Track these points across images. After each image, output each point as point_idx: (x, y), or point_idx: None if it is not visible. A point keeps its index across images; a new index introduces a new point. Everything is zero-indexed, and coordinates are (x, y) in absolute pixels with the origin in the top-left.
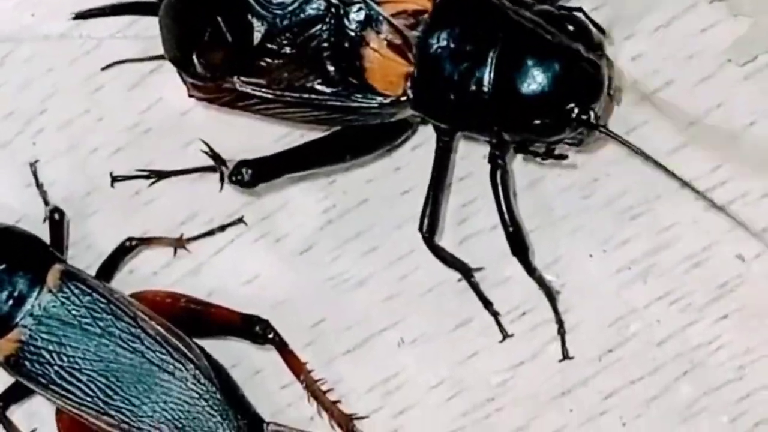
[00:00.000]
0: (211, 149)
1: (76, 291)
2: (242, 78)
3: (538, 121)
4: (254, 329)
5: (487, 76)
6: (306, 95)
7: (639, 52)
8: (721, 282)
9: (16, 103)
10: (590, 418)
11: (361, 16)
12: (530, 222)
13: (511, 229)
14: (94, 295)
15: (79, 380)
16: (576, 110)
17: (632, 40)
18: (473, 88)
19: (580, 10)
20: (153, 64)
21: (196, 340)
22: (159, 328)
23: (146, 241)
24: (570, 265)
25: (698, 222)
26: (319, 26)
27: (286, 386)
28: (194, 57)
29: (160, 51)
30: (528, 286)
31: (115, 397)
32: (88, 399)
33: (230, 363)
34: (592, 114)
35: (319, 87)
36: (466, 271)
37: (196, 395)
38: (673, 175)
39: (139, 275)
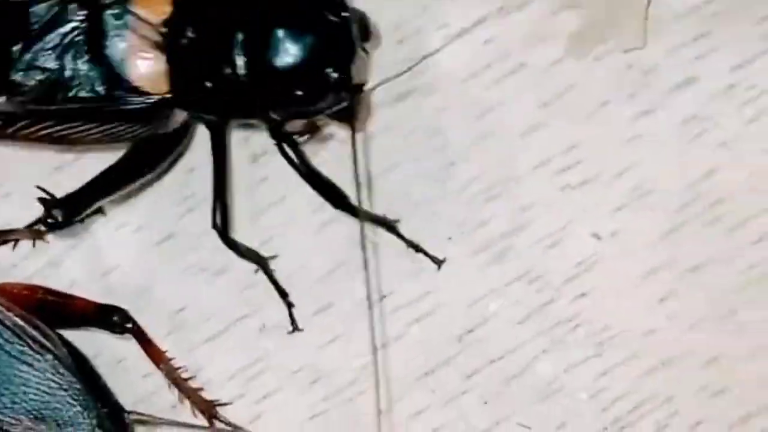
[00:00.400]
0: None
1: None
2: (6, 97)
3: (299, 92)
4: (112, 319)
5: (240, 58)
6: (77, 105)
7: (490, 36)
8: (578, 261)
9: None
10: (453, 397)
11: (119, 18)
12: (388, 207)
13: (325, 188)
14: None
15: None
16: (334, 74)
17: (484, 24)
18: (228, 71)
19: None
20: None
21: (58, 331)
22: (17, 319)
23: (4, 234)
24: (430, 248)
25: (554, 202)
26: (78, 33)
27: (148, 375)
28: None
29: None
30: (387, 270)
31: None
32: None
33: (92, 352)
34: (348, 74)
35: (87, 95)
36: (263, 263)
37: (56, 385)
38: None
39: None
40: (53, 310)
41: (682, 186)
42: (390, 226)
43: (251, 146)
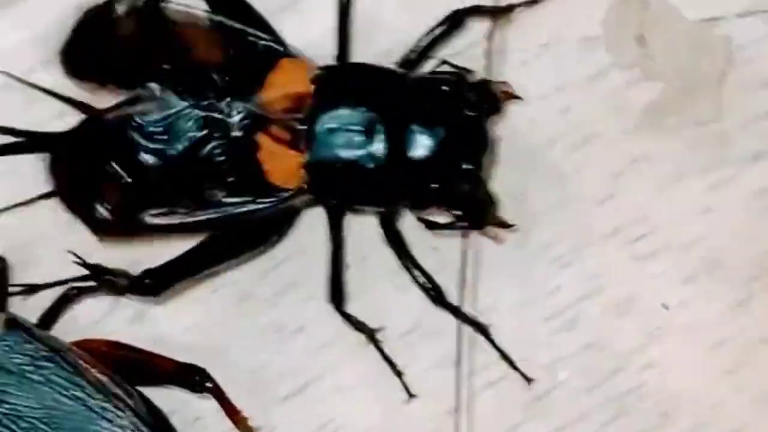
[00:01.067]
0: (99, 269)
1: (19, 339)
2: (150, 211)
3: (434, 185)
4: (193, 378)
5: (380, 151)
6: (214, 209)
7: (567, 105)
8: (647, 330)
9: None
10: None
11: (248, 121)
12: (460, 273)
13: (424, 281)
14: (37, 343)
15: (20, 427)
16: (467, 166)
17: (562, 91)
18: (368, 164)
19: (445, 63)
20: None
21: (137, 387)
22: (99, 376)
23: (89, 290)
24: (501, 312)
25: (624, 271)
26: (211, 141)
27: None
28: (98, 212)
29: None
30: (461, 333)
31: None
32: None
33: (170, 410)
34: (480, 166)
35: (225, 199)
36: (372, 334)
37: None
38: None
39: (81, 323)
40: (134, 368)
41: (751, 258)
42: (486, 332)
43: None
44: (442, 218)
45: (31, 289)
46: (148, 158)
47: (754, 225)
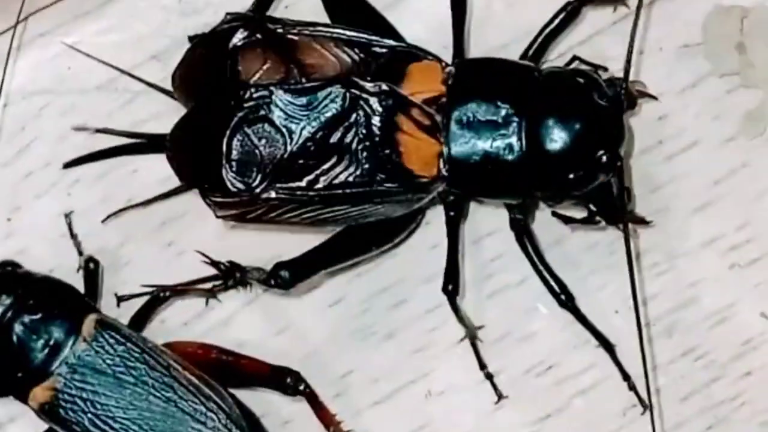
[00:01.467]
0: (227, 264)
1: (111, 340)
2: (278, 185)
3: (571, 175)
4: (286, 381)
5: (516, 142)
6: (347, 190)
7: (664, 113)
8: (745, 339)
9: (52, 155)
10: None
11: (389, 102)
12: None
13: (552, 283)
14: (128, 344)
15: (113, 428)
16: (604, 157)
17: (659, 100)
18: (505, 156)
19: (575, 59)
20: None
21: (228, 390)
22: (192, 377)
23: (179, 292)
24: (596, 320)
25: (722, 279)
26: (350, 119)
27: None
28: (226, 176)
29: None
30: (554, 340)
31: None
32: None
33: (259, 412)
34: (618, 156)
35: (358, 179)
36: (473, 333)
37: None
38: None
39: (171, 325)
40: (226, 370)
41: None
42: (609, 347)
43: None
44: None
45: (162, 291)
46: (284, 128)
47: None
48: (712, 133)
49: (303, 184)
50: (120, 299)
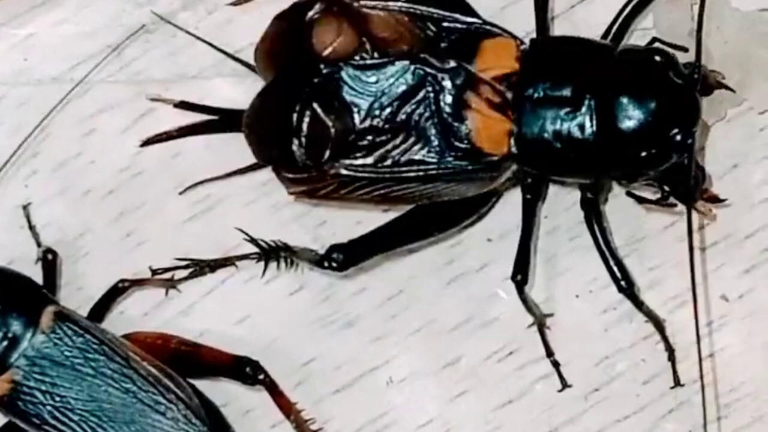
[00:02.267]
0: (274, 244)
1: (69, 332)
2: (347, 162)
3: (644, 153)
4: (245, 370)
5: (588, 121)
6: (416, 168)
7: None
8: (706, 322)
9: (9, 146)
10: None
11: (459, 79)
12: None
13: (614, 268)
14: (87, 336)
15: (72, 420)
16: (679, 135)
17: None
18: (577, 134)
19: (656, 40)
20: (143, 108)
21: (188, 380)
22: (151, 368)
23: (138, 282)
24: (557, 305)
25: (682, 262)
26: (419, 95)
27: (276, 426)
28: (295, 151)
29: (153, 90)
30: (514, 326)
31: None
32: None
33: (220, 402)
34: (693, 136)
35: (427, 157)
36: (542, 320)
37: None
38: None
39: (130, 316)
40: (186, 360)
41: None
42: (662, 328)
43: None
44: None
45: (200, 266)
46: (354, 103)
47: None
48: None
49: (371, 161)
50: (154, 272)
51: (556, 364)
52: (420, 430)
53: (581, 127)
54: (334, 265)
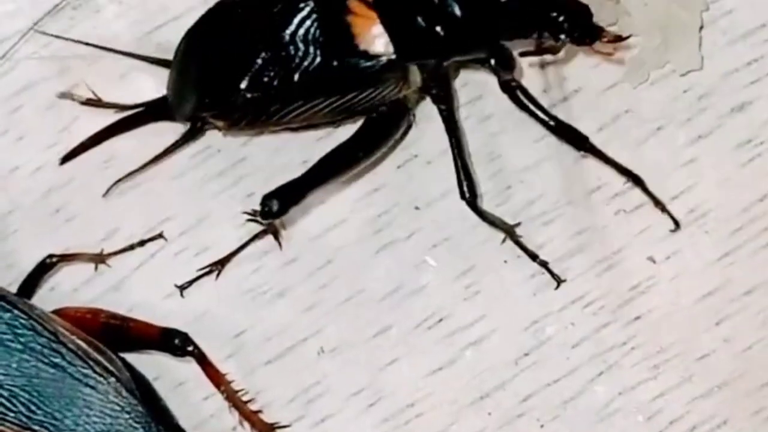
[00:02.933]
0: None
1: None
2: (255, 86)
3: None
4: (174, 342)
5: None
6: (315, 80)
7: (547, 61)
8: (633, 284)
9: None
10: (508, 420)
11: None
12: (445, 230)
13: (563, 132)
14: (15, 311)
15: (1, 396)
16: None
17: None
18: (451, 8)
19: None
20: (68, 85)
21: (119, 354)
22: (80, 342)
23: (66, 258)
24: (485, 271)
25: (609, 226)
26: (303, 12)
27: (209, 397)
28: (241, 95)
29: (77, 69)
30: (443, 293)
31: (38, 411)
32: (11, 414)
33: (152, 375)
34: None
35: (321, 70)
36: (511, 231)
37: (119, 408)
38: None
39: (60, 292)
40: (115, 334)
41: (737, 209)
42: (638, 180)
43: None
44: None
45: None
46: (251, 34)
47: (738, 176)
48: (594, 80)
49: (275, 81)
50: (182, 288)
51: (543, 264)
52: (352, 399)
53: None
54: (274, 210)
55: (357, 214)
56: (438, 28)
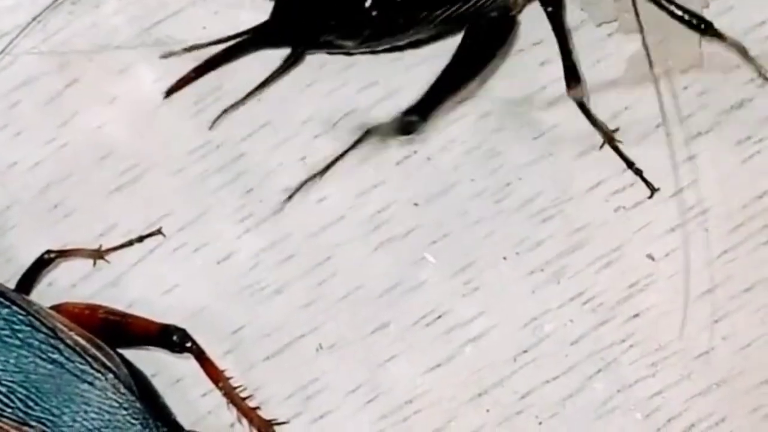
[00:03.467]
0: None
1: None
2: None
3: None
4: (172, 339)
5: None
6: None
7: (547, 58)
8: (632, 281)
9: None
10: (507, 417)
11: None
12: (444, 227)
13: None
14: (13, 307)
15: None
16: None
17: (540, 45)
18: None
19: None
20: (67, 80)
21: (117, 350)
22: (78, 338)
23: (65, 254)
24: (484, 268)
25: (608, 223)
26: None
27: (207, 394)
28: (367, 12)
29: (76, 64)
30: (442, 289)
31: (36, 407)
32: (9, 410)
33: (151, 371)
34: None
35: None
36: (610, 136)
37: (116, 404)
38: None
39: (59, 287)
40: (114, 330)
41: (736, 206)
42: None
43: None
44: None
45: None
46: None
47: (737, 173)
48: (594, 77)
49: None
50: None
51: (638, 172)
52: (350, 396)
53: None
54: (414, 119)
55: (355, 211)
56: None
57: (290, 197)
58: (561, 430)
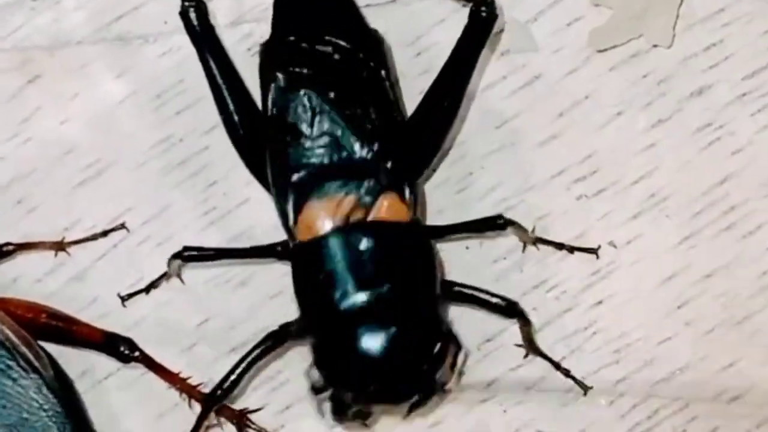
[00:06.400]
0: None
1: None
2: None
3: None
4: (119, 349)
5: None
6: None
7: (506, 48)
8: (595, 269)
9: None
10: (472, 406)
11: None
12: None
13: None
14: None
15: None
16: None
17: (500, 35)
18: None
19: None
20: (29, 75)
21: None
22: (9, 333)
23: (24, 246)
24: (447, 257)
25: (569, 211)
26: None
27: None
28: None
29: (38, 60)
30: None
31: None
32: None
33: (82, 369)
34: None
35: None
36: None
37: (37, 405)
38: None
39: (23, 282)
40: (58, 334)
41: (697, 193)
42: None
43: None
44: None
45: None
46: None
47: (698, 160)
48: (554, 65)
49: None
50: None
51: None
52: None
53: None
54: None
55: None
56: None
57: None
58: (526, 417)
